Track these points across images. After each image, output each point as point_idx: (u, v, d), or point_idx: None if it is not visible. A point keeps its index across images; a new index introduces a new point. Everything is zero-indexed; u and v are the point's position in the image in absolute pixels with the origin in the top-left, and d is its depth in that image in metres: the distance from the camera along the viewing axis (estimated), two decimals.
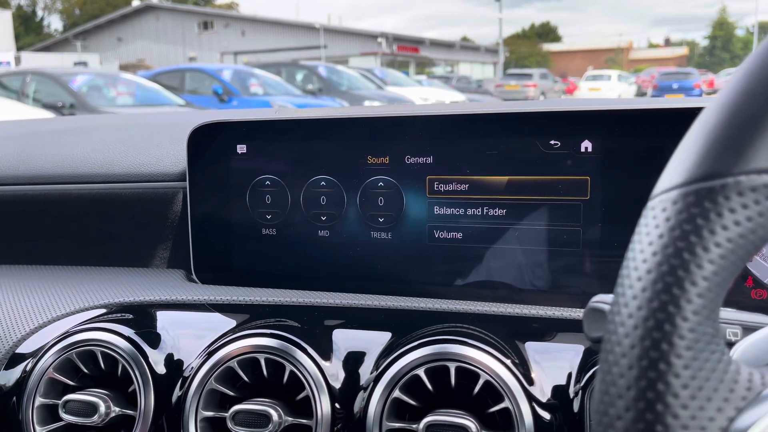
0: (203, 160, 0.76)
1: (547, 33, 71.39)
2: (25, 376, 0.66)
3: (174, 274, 0.81)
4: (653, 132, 0.62)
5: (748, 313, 0.51)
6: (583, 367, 0.58)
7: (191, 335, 0.68)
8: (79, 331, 0.66)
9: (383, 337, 0.64)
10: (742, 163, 0.28)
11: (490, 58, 44.41)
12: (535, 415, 0.56)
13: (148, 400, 0.63)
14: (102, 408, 0.62)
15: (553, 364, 0.59)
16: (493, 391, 0.57)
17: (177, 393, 0.63)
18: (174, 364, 0.65)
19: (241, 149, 0.74)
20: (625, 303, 0.30)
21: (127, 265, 0.86)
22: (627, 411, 0.28)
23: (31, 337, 0.70)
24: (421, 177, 0.69)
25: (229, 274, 0.76)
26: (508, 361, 0.57)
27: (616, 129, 0.63)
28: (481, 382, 0.57)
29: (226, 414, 0.59)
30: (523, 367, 0.58)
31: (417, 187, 0.69)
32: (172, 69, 10.44)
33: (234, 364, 0.62)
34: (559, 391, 0.58)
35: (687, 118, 0.48)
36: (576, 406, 0.56)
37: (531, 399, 0.56)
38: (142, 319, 0.70)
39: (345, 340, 0.65)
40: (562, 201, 0.65)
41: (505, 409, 0.56)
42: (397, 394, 0.58)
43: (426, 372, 0.58)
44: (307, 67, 11.57)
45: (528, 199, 0.66)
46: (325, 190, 0.72)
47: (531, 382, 0.57)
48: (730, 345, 0.37)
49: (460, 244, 0.68)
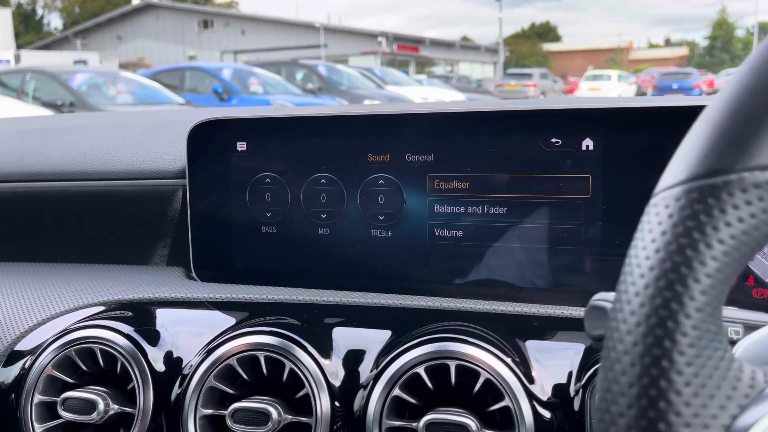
0: (203, 157, 0.76)
1: (547, 33, 71.37)
2: (24, 374, 0.66)
3: (173, 272, 0.81)
4: (654, 130, 0.62)
5: (749, 312, 0.51)
6: (583, 366, 0.58)
7: (191, 333, 0.68)
8: (78, 329, 0.66)
9: (383, 335, 0.64)
10: (746, 159, 0.28)
11: (490, 57, 44.41)
12: (536, 414, 0.55)
13: (147, 398, 0.63)
14: (101, 405, 0.62)
15: (554, 362, 0.59)
16: (493, 390, 0.57)
17: (176, 391, 0.63)
18: (173, 362, 0.65)
19: (241, 146, 0.74)
20: (628, 300, 0.29)
21: (126, 262, 0.85)
22: (629, 408, 0.28)
23: (30, 334, 0.70)
24: (422, 175, 0.69)
25: (229, 271, 0.76)
26: (508, 360, 0.57)
27: (618, 127, 0.63)
28: (481, 380, 0.57)
29: (226, 412, 0.59)
30: (523, 366, 0.58)
31: (417, 185, 0.69)
32: (172, 68, 10.43)
33: (233, 361, 0.62)
34: (559, 390, 0.57)
35: (688, 116, 0.48)
36: (576, 405, 0.56)
37: (531, 397, 0.56)
38: (141, 316, 0.70)
39: (345, 338, 0.64)
40: (563, 199, 0.65)
41: (506, 408, 0.56)
42: (397, 392, 0.58)
43: (426, 370, 0.58)
44: (307, 66, 11.56)
45: (529, 198, 0.66)
46: (325, 187, 0.72)
47: (531, 381, 0.57)
48: (733, 343, 0.37)
49: (461, 242, 0.68)
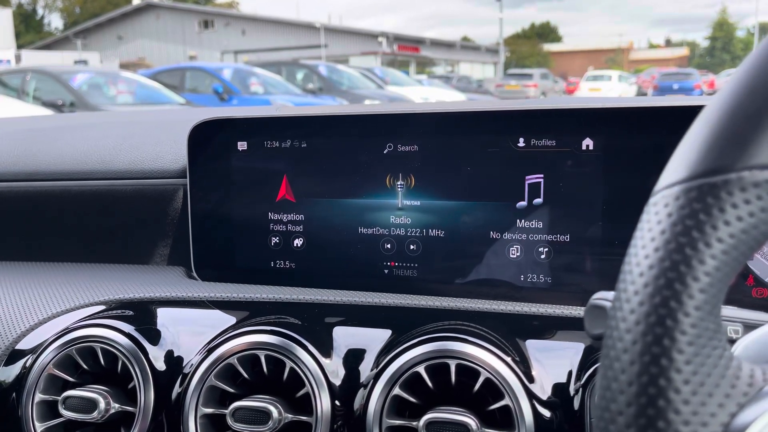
0: (204, 156, 0.76)
1: (548, 33, 71.35)
2: (25, 372, 0.66)
3: (174, 271, 0.81)
4: (654, 130, 0.62)
5: (748, 311, 0.51)
6: (583, 365, 0.58)
7: (191, 332, 0.68)
8: (79, 328, 0.66)
9: (383, 335, 0.64)
10: (745, 158, 0.28)
11: (491, 58, 44.40)
12: (536, 413, 0.56)
13: (147, 397, 0.63)
14: (102, 404, 0.62)
15: (554, 361, 0.59)
16: (493, 389, 0.57)
17: (177, 390, 0.63)
18: (174, 361, 0.65)
19: (242, 146, 0.74)
20: (627, 298, 0.29)
21: (127, 261, 0.85)
22: (629, 406, 0.28)
23: (31, 333, 0.70)
24: (421, 174, 0.69)
25: (230, 271, 0.76)
26: (508, 359, 0.57)
27: (617, 127, 0.63)
28: (481, 379, 0.57)
29: (226, 411, 0.59)
30: (523, 365, 0.58)
31: (417, 185, 0.69)
32: (173, 68, 10.43)
33: (234, 360, 0.62)
34: (559, 389, 0.57)
35: (688, 116, 0.48)
36: (576, 404, 0.56)
37: (531, 396, 0.56)
38: (142, 315, 0.70)
39: (345, 337, 0.65)
40: (563, 198, 0.65)
41: (506, 407, 0.56)
42: (397, 391, 0.58)
43: (426, 369, 0.58)
44: (308, 66, 11.56)
45: (529, 197, 0.66)
46: (324, 187, 0.72)
47: (531, 380, 0.57)
48: (732, 342, 0.37)
49: (461, 241, 0.68)
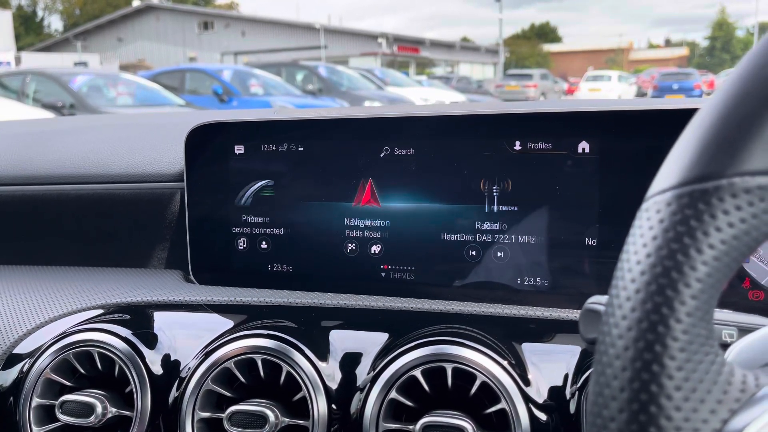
0: (201, 160, 0.76)
1: (548, 33, 71.36)
2: (22, 377, 0.66)
3: (171, 275, 0.81)
4: (650, 133, 0.62)
5: (744, 315, 0.51)
6: (579, 369, 0.58)
7: (188, 336, 0.68)
8: (76, 332, 0.66)
9: (380, 338, 0.64)
10: (736, 164, 0.28)
11: (491, 58, 44.40)
12: (532, 417, 0.56)
13: (144, 401, 0.63)
14: (99, 408, 0.62)
15: (550, 365, 0.59)
16: (489, 393, 0.57)
17: (174, 394, 0.63)
18: (171, 365, 0.65)
19: (239, 150, 0.74)
20: (619, 304, 0.29)
21: (124, 265, 0.86)
22: (620, 412, 0.28)
23: (28, 337, 0.70)
24: (420, 177, 0.69)
25: (227, 274, 0.76)
26: (504, 362, 0.57)
27: (613, 130, 0.63)
28: (477, 383, 0.57)
29: (223, 415, 0.59)
30: (519, 368, 0.58)
31: (415, 186, 0.69)
32: (173, 69, 10.44)
33: (231, 364, 0.62)
34: (555, 393, 0.58)
35: (684, 119, 0.48)
36: (572, 408, 0.56)
37: (527, 400, 0.56)
38: (139, 319, 0.70)
39: (342, 341, 0.65)
40: (559, 202, 0.65)
41: (502, 411, 0.56)
42: (393, 395, 0.58)
43: (423, 373, 0.58)
44: (308, 68, 11.57)
45: (525, 201, 0.66)
46: (323, 190, 0.72)
47: (527, 383, 0.57)
48: (726, 346, 0.37)
49: (458, 244, 0.68)
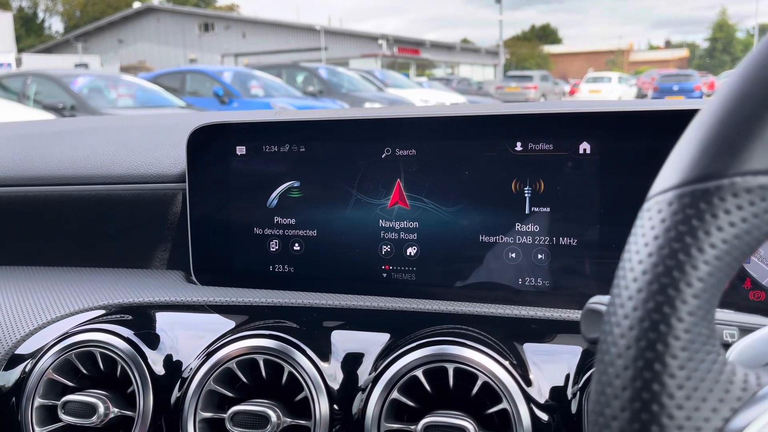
0: (203, 161, 0.76)
1: (548, 35, 71.41)
2: (25, 377, 0.66)
3: (173, 276, 0.81)
4: (651, 133, 0.62)
5: (745, 315, 0.51)
6: (581, 369, 0.58)
7: (190, 336, 0.68)
8: (78, 332, 0.66)
9: (382, 338, 0.64)
10: (737, 164, 0.28)
11: (491, 60, 44.42)
12: (533, 417, 0.56)
13: (146, 401, 0.63)
14: (101, 409, 0.62)
15: (551, 365, 0.60)
16: (491, 393, 0.57)
17: (176, 394, 0.63)
18: (173, 365, 0.65)
19: (241, 150, 0.75)
20: (621, 304, 0.30)
21: (126, 266, 0.86)
22: (623, 411, 0.28)
23: (31, 338, 0.70)
24: (420, 178, 0.69)
25: (229, 275, 0.76)
26: (506, 363, 0.57)
27: (614, 130, 0.63)
28: (479, 383, 0.57)
29: (225, 415, 0.59)
30: (521, 369, 0.58)
31: (415, 187, 0.69)
32: (173, 71, 10.44)
33: (233, 365, 0.62)
34: (556, 393, 0.58)
35: (684, 119, 0.48)
36: (574, 408, 0.57)
37: (529, 400, 0.56)
38: (141, 320, 0.70)
39: (343, 341, 0.65)
40: (560, 202, 0.65)
41: (503, 411, 0.56)
42: (395, 395, 0.58)
43: (424, 373, 0.58)
44: (308, 69, 11.57)
45: (526, 201, 0.66)
46: (324, 191, 0.72)
47: (529, 384, 0.57)
48: (727, 346, 0.37)
49: (459, 244, 0.68)
